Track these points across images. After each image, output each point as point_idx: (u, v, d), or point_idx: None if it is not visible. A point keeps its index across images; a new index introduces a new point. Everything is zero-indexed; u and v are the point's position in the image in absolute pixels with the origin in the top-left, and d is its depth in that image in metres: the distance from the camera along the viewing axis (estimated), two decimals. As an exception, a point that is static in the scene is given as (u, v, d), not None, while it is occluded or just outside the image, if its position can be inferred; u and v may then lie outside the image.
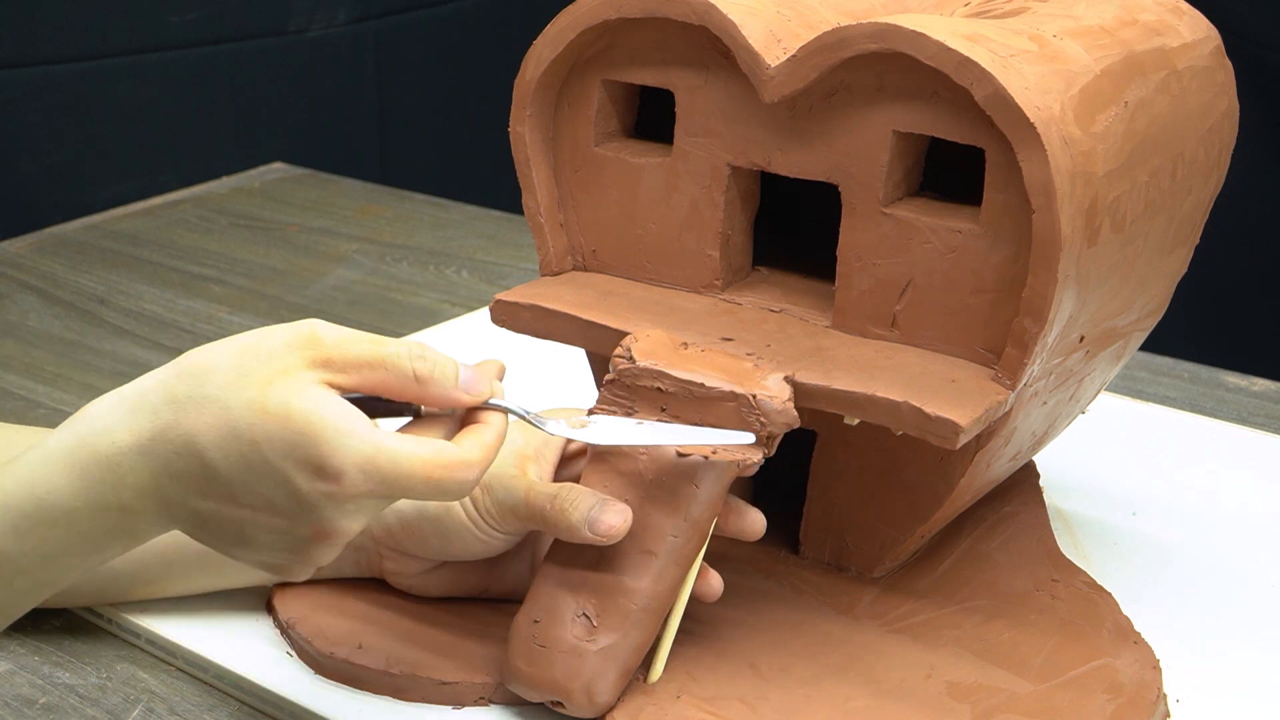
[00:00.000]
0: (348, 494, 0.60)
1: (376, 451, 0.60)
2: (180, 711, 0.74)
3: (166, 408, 0.60)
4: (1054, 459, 0.93)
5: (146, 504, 0.61)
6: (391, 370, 0.62)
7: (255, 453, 0.59)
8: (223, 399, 0.60)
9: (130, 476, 0.61)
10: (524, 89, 0.79)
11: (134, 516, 0.62)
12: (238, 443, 0.59)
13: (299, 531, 0.61)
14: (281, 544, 0.62)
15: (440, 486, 0.61)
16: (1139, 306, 0.79)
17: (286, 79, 1.92)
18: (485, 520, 0.72)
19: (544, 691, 0.70)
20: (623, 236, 0.81)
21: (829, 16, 0.76)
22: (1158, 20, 0.78)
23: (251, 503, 0.60)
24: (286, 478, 0.59)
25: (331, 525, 0.61)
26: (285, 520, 0.61)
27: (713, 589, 0.74)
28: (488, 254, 1.40)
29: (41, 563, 0.62)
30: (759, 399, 0.70)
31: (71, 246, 1.40)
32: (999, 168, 0.69)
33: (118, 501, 0.61)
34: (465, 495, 0.63)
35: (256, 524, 0.61)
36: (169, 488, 0.61)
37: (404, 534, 0.74)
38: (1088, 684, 0.73)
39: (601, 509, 0.69)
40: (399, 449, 0.60)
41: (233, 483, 0.60)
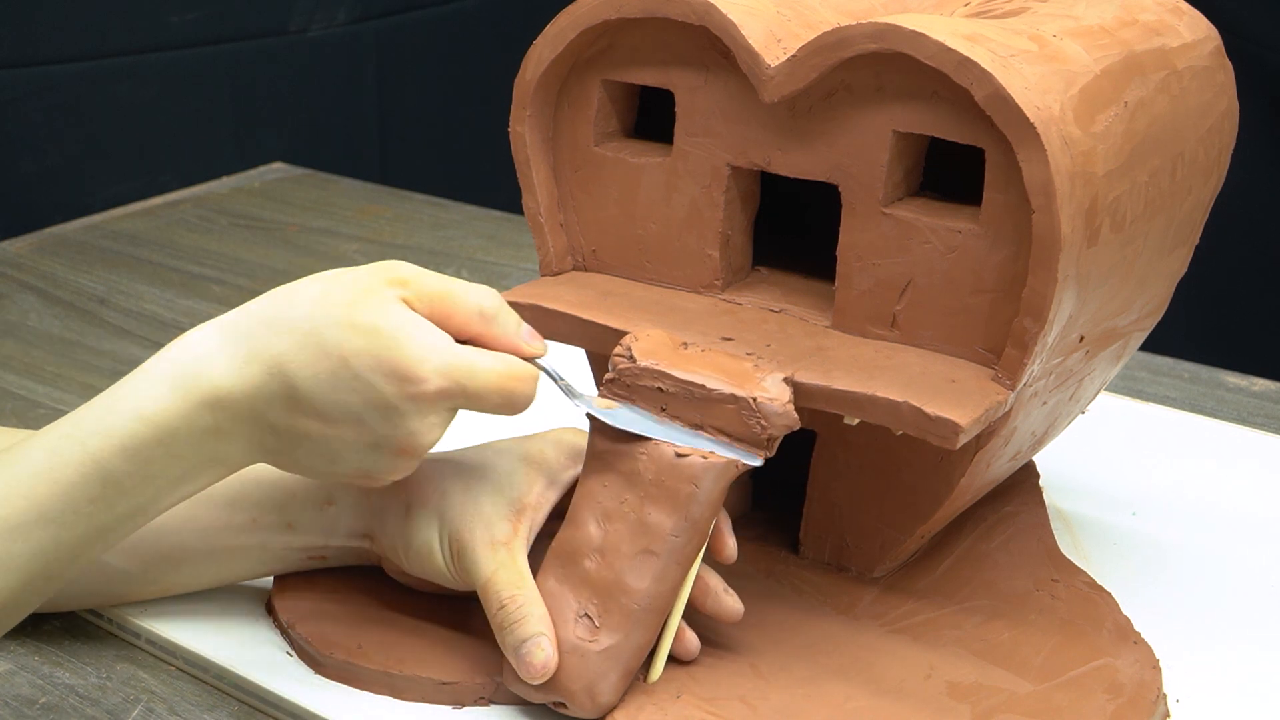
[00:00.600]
0: (429, 396, 0.65)
1: (455, 357, 0.65)
2: (180, 711, 0.74)
3: (259, 332, 0.65)
4: (1054, 459, 0.93)
5: (241, 427, 0.66)
6: (459, 303, 0.67)
7: (344, 368, 0.64)
8: (311, 319, 0.65)
9: (228, 399, 0.65)
10: (524, 89, 0.79)
11: (227, 439, 0.66)
12: (327, 359, 0.64)
13: (385, 445, 0.66)
14: (368, 460, 0.67)
15: (510, 395, 0.67)
16: (1139, 306, 0.79)
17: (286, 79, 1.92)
18: (457, 575, 0.73)
19: (545, 692, 0.70)
20: (623, 236, 0.81)
21: (829, 16, 0.76)
22: (1158, 20, 0.78)
23: (341, 417, 0.65)
24: (373, 388, 0.64)
25: (414, 437, 0.66)
26: (372, 435, 0.65)
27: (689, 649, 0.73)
28: (488, 254, 1.40)
29: (143, 483, 0.66)
30: (759, 401, 0.70)
31: (71, 246, 1.40)
32: (999, 168, 0.69)
33: (214, 424, 0.65)
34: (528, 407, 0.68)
35: (344, 441, 0.66)
36: (263, 409, 0.65)
37: (393, 555, 0.75)
38: (1088, 684, 0.73)
39: (532, 648, 0.69)
40: (476, 356, 0.66)
41: (323, 400, 0.64)
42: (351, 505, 0.76)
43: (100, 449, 0.64)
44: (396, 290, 0.66)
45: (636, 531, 0.70)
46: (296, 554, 0.77)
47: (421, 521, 0.73)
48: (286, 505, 0.76)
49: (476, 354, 0.66)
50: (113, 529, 0.67)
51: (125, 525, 0.67)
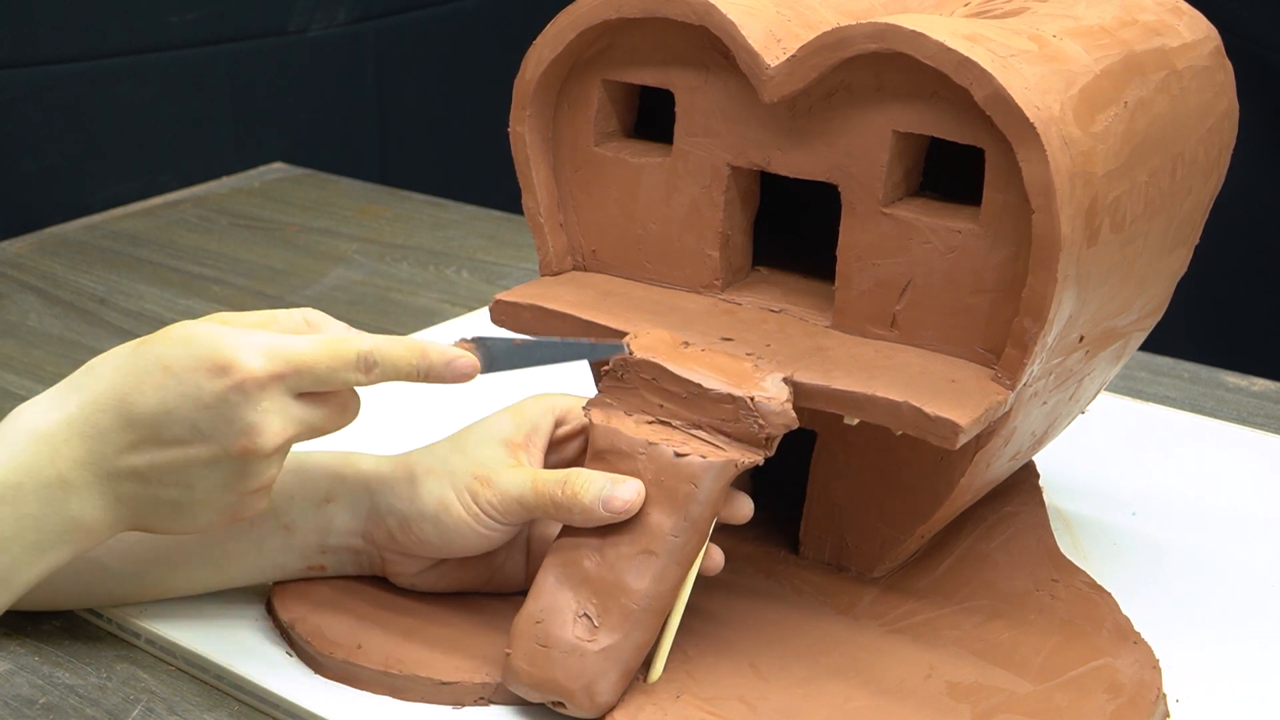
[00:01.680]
0: (257, 379, 0.64)
1: (274, 339, 0.65)
2: (180, 711, 0.74)
3: (85, 381, 0.66)
4: (1054, 459, 0.93)
5: (86, 475, 0.65)
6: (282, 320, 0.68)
7: (167, 376, 0.64)
8: (128, 354, 0.66)
9: (64, 446, 0.65)
10: (524, 89, 0.79)
11: (77, 494, 0.65)
12: (150, 375, 0.65)
13: (229, 453, 0.65)
14: (219, 479, 0.66)
15: (340, 356, 0.65)
16: (1139, 306, 0.79)
17: (286, 79, 1.93)
18: (486, 514, 0.73)
19: (545, 692, 0.70)
20: (622, 236, 0.81)
21: (829, 16, 0.76)
22: (1157, 20, 0.78)
23: (178, 434, 0.64)
24: (199, 387, 0.64)
25: (253, 430, 0.65)
26: (212, 444, 0.65)
27: (715, 563, 0.74)
28: (488, 254, 1.40)
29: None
30: (757, 400, 0.70)
31: (71, 246, 1.41)
32: (999, 168, 0.69)
33: (57, 475, 0.65)
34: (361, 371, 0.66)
35: (189, 461, 0.65)
36: (101, 449, 0.65)
37: (403, 535, 0.75)
38: (1088, 684, 0.73)
39: (614, 486, 0.70)
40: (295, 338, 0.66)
41: (154, 416, 0.64)
42: (349, 502, 0.76)
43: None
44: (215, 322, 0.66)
45: (636, 531, 0.70)
46: (294, 560, 0.77)
47: (429, 485, 0.73)
48: (283, 507, 0.76)
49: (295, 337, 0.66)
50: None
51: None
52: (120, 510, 0.67)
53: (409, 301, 1.28)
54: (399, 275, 1.34)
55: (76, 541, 0.67)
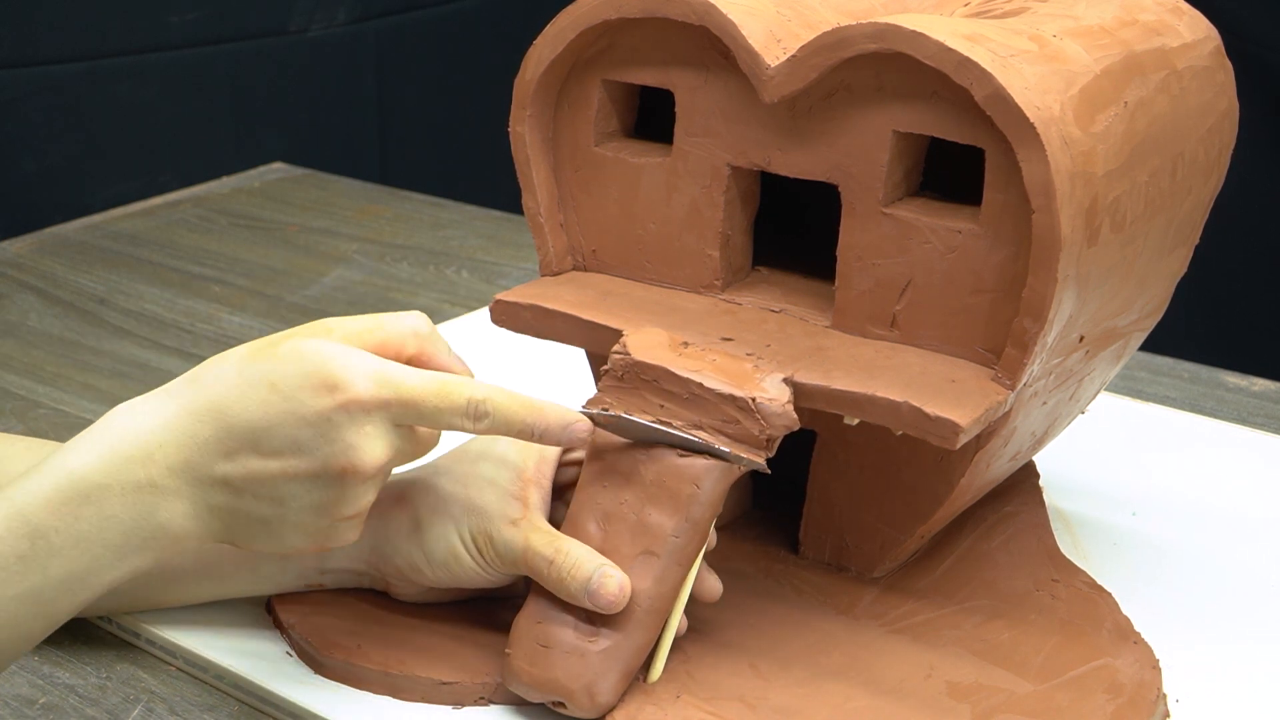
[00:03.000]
0: (362, 403, 0.64)
1: (383, 365, 0.65)
2: (180, 711, 0.74)
3: (187, 388, 0.65)
4: (1054, 459, 0.93)
5: (177, 481, 0.64)
6: (390, 329, 0.67)
7: (273, 392, 0.64)
8: (235, 363, 0.65)
9: (158, 451, 0.64)
10: (524, 89, 0.79)
11: (166, 500, 0.64)
12: (255, 389, 0.64)
13: (328, 467, 0.64)
14: (313, 499, 0.65)
15: (448, 397, 0.65)
16: (1139, 306, 0.79)
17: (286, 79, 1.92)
18: (491, 565, 0.72)
19: (545, 692, 0.70)
20: (623, 236, 0.81)
21: (829, 16, 0.76)
22: (1158, 20, 0.78)
23: (277, 448, 0.64)
24: (304, 405, 0.63)
25: (354, 451, 0.64)
26: (311, 461, 0.64)
27: (712, 590, 0.74)
28: (488, 254, 1.40)
29: (75, 545, 0.63)
30: (759, 402, 0.70)
31: (71, 246, 1.40)
32: (999, 168, 0.69)
33: (148, 478, 0.64)
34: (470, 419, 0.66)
35: (286, 475, 0.64)
36: (196, 457, 0.64)
37: (414, 574, 0.74)
38: (1088, 684, 0.73)
39: (600, 580, 0.69)
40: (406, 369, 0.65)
41: (255, 430, 0.64)
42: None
43: (26, 503, 0.63)
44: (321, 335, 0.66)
45: (637, 532, 0.70)
46: (292, 579, 0.77)
47: (436, 532, 0.73)
48: None
49: (405, 367, 0.66)
50: (49, 596, 0.63)
51: (63, 596, 0.64)
52: (209, 522, 0.65)
53: (409, 301, 1.28)
54: (399, 275, 1.34)
55: (160, 548, 0.65)
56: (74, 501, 0.63)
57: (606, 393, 0.73)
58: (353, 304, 1.28)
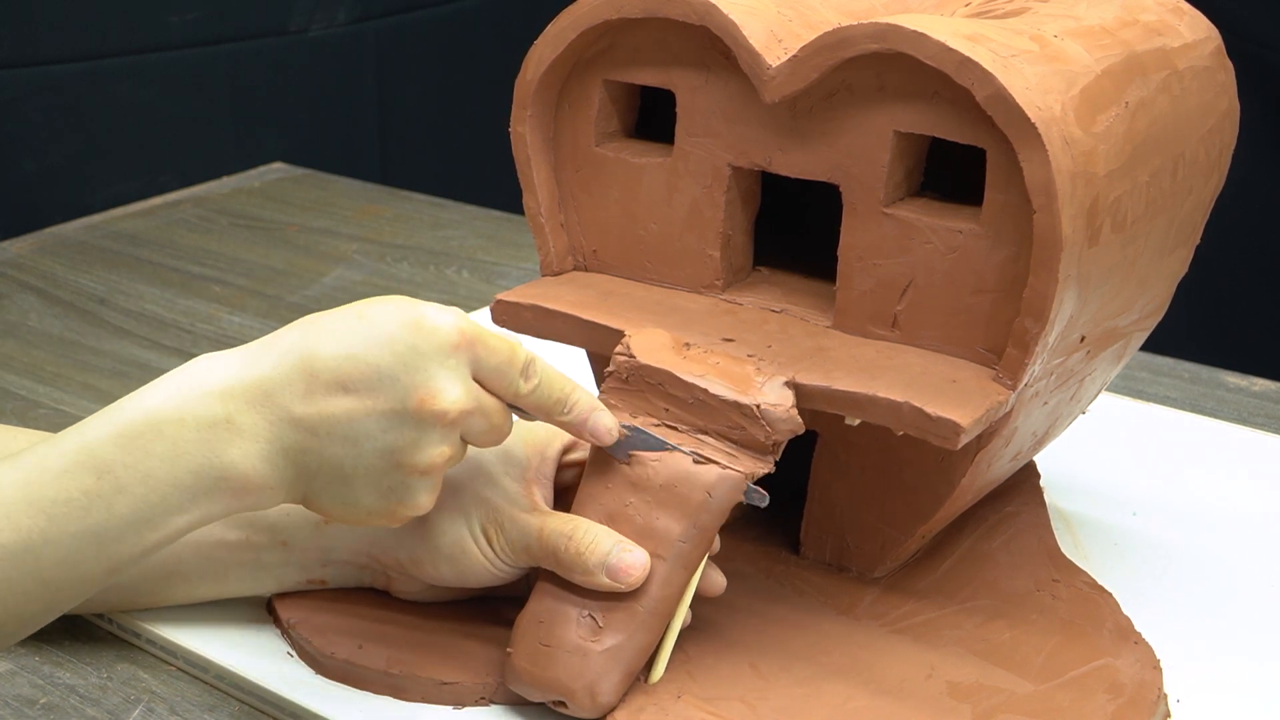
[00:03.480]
0: (445, 337, 0.65)
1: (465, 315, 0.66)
2: (180, 711, 0.74)
3: (271, 336, 0.66)
4: (1054, 459, 0.93)
5: (255, 419, 0.63)
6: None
7: (360, 322, 0.65)
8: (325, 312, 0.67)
9: (238, 385, 0.64)
10: (524, 89, 0.79)
11: (240, 439, 0.63)
12: (343, 322, 0.65)
13: (407, 403, 0.64)
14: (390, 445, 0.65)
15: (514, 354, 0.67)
16: (1140, 307, 0.79)
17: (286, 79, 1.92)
18: (499, 557, 0.72)
19: (547, 691, 0.70)
20: (623, 237, 0.81)
21: (830, 16, 0.76)
22: (1158, 20, 0.78)
23: (358, 380, 0.64)
24: (389, 334, 0.64)
25: (434, 385, 0.64)
26: (390, 397, 0.64)
27: (716, 584, 0.74)
28: (488, 254, 1.40)
29: (143, 482, 0.62)
30: (763, 408, 0.70)
31: (71, 246, 1.40)
32: (1000, 168, 0.69)
33: (225, 414, 0.63)
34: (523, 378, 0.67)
35: (364, 412, 0.64)
36: (276, 394, 0.64)
37: (415, 568, 0.74)
38: (1088, 684, 0.73)
39: (620, 554, 0.69)
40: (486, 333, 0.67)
41: (339, 362, 0.64)
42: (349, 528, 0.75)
43: (96, 436, 0.62)
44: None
45: (643, 535, 0.70)
46: (294, 573, 0.77)
47: (444, 524, 0.72)
48: (279, 523, 0.75)
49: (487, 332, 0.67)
50: (113, 536, 0.62)
51: (129, 536, 0.62)
52: (283, 468, 0.64)
53: (409, 301, 1.28)
54: (399, 275, 1.34)
55: (232, 495, 0.64)
56: (146, 436, 0.62)
57: (610, 394, 0.73)
58: (353, 304, 1.28)
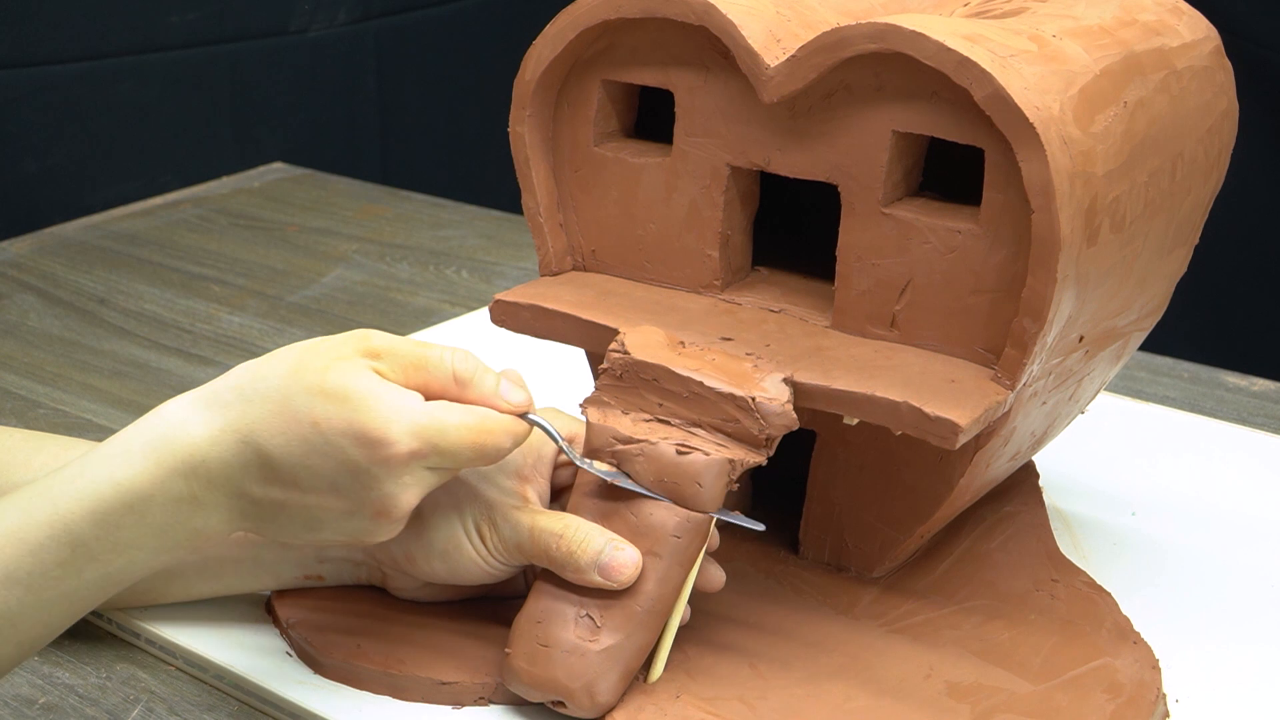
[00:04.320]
0: (400, 458, 0.64)
1: (424, 416, 0.65)
2: (180, 711, 0.74)
3: (233, 402, 0.65)
4: (1054, 459, 0.93)
5: (218, 496, 0.65)
6: (434, 369, 0.67)
7: (315, 433, 0.64)
8: (283, 389, 0.65)
9: (202, 468, 0.65)
10: (524, 89, 0.79)
11: (204, 510, 0.65)
12: (298, 426, 0.64)
13: (362, 510, 0.65)
14: (348, 525, 0.66)
15: (482, 448, 0.66)
16: (1138, 306, 0.79)
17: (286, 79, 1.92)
18: (493, 554, 0.72)
19: (545, 691, 0.70)
20: (622, 236, 0.81)
21: (828, 16, 0.76)
22: (1157, 20, 0.78)
23: (315, 485, 0.65)
24: (344, 453, 0.64)
25: (390, 500, 0.65)
26: (347, 501, 0.65)
27: (715, 580, 0.74)
28: (487, 254, 1.40)
29: (113, 551, 0.64)
30: (758, 401, 0.70)
31: (71, 246, 1.41)
32: (998, 168, 0.69)
33: (189, 492, 0.65)
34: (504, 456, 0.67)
35: (322, 508, 0.65)
36: (239, 478, 0.65)
37: (409, 565, 0.74)
38: (1087, 684, 0.73)
39: (612, 552, 0.69)
40: (445, 412, 0.65)
41: (295, 467, 0.64)
42: None
43: (70, 512, 0.63)
44: (368, 360, 0.66)
45: (638, 533, 0.70)
46: (291, 569, 0.77)
47: (437, 521, 0.72)
48: None
49: (446, 410, 0.66)
50: (83, 596, 0.65)
51: (93, 593, 0.65)
52: (243, 524, 0.67)
53: (409, 301, 1.28)
54: (399, 275, 1.34)
55: (194, 548, 0.67)
56: (118, 512, 0.64)
57: (605, 392, 0.73)
58: (353, 304, 1.28)
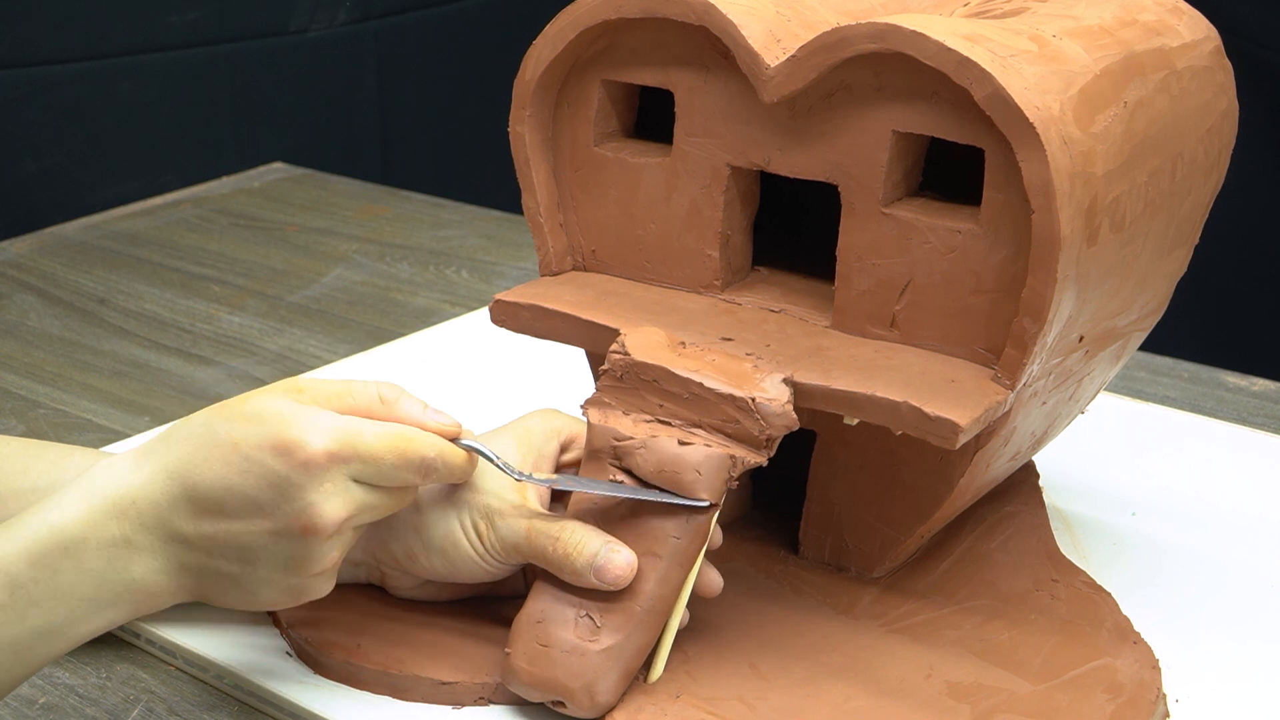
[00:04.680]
0: (319, 461, 0.65)
1: (341, 421, 0.66)
2: (180, 711, 0.74)
3: (160, 446, 0.67)
4: (1054, 459, 0.93)
5: (149, 539, 0.66)
6: (358, 395, 0.68)
7: (235, 453, 0.65)
8: (205, 420, 0.67)
9: (131, 508, 0.66)
10: (524, 89, 0.79)
11: (140, 555, 0.66)
12: (219, 449, 0.65)
13: (289, 530, 0.66)
14: (280, 557, 0.66)
15: (404, 454, 0.67)
16: (1139, 306, 0.79)
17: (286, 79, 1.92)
18: (490, 554, 0.72)
19: (545, 691, 0.70)
20: (622, 236, 0.81)
21: (829, 16, 0.76)
22: (1157, 20, 0.78)
23: (240, 507, 0.65)
24: (264, 465, 0.65)
25: (313, 508, 0.65)
26: (272, 520, 0.65)
27: (713, 585, 0.74)
28: (487, 254, 1.40)
29: (52, 597, 0.64)
30: (758, 401, 0.70)
31: (71, 246, 1.41)
32: (998, 168, 0.69)
33: (122, 535, 0.65)
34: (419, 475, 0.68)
35: (250, 535, 0.66)
36: (165, 516, 0.66)
37: (409, 562, 0.74)
38: (1087, 684, 0.73)
39: (608, 555, 0.69)
40: (362, 421, 0.67)
41: (219, 491, 0.65)
42: None
43: (7, 555, 0.64)
44: (290, 394, 0.67)
45: (638, 533, 0.70)
46: None
47: (434, 516, 0.72)
48: None
49: (363, 420, 0.67)
50: (25, 645, 0.65)
51: (39, 644, 0.65)
52: (182, 579, 0.67)
53: (408, 301, 1.28)
54: (399, 275, 1.34)
55: (136, 603, 0.67)
56: (53, 554, 0.64)
57: (605, 393, 0.73)
58: (352, 304, 1.28)
